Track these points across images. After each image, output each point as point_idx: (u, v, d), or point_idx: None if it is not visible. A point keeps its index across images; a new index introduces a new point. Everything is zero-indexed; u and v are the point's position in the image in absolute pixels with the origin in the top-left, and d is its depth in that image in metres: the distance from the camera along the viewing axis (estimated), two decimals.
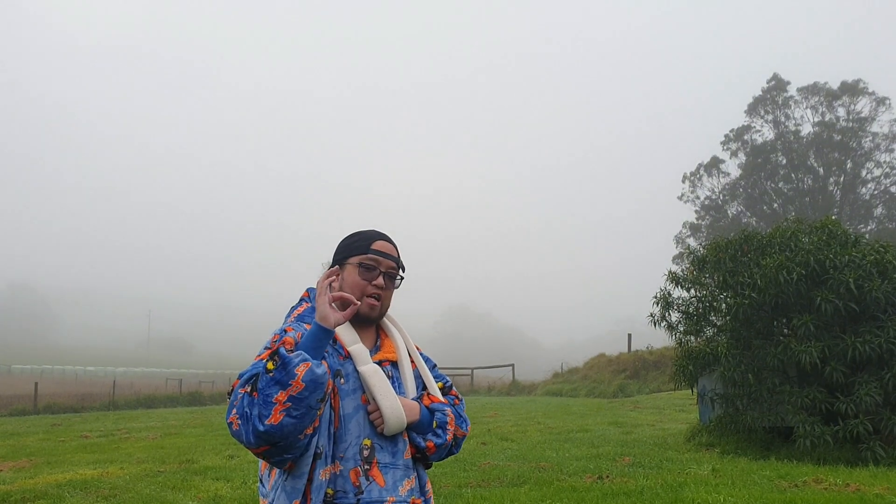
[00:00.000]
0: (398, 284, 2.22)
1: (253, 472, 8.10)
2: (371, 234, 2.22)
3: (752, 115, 48.06)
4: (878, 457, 7.72)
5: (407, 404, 2.07)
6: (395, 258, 2.19)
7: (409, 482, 2.05)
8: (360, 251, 2.17)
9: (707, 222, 48.06)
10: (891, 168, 44.97)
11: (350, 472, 1.98)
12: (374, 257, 2.15)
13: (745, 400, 8.90)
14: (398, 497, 2.00)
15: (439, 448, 2.12)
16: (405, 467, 2.05)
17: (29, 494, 7.05)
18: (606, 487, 6.60)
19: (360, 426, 2.02)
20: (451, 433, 2.14)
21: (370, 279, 2.14)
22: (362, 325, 2.16)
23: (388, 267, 2.17)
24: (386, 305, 2.19)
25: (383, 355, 2.16)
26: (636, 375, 26.96)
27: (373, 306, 2.14)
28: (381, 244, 2.19)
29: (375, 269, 2.15)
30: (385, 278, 2.16)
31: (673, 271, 10.09)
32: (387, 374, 2.12)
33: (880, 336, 7.90)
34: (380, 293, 2.15)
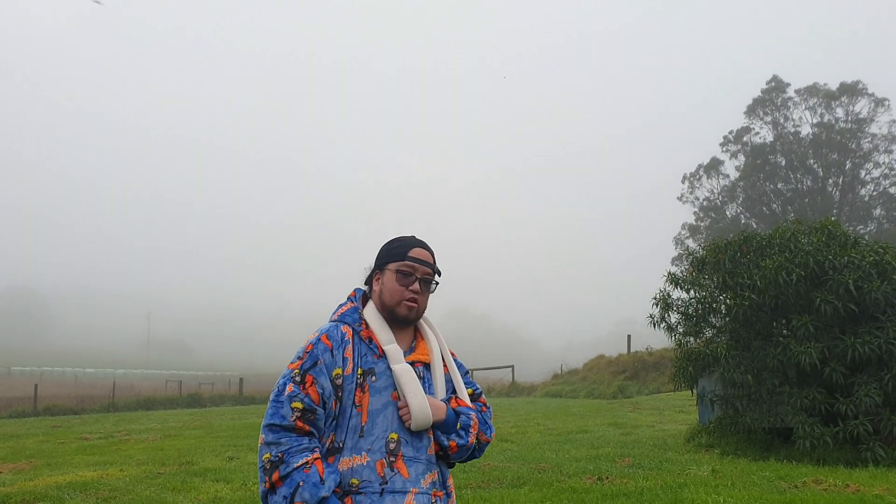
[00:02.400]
0: (433, 289, 2.40)
1: (253, 474, 8.10)
2: (409, 242, 2.39)
3: (751, 117, 48.09)
4: (878, 457, 7.72)
5: (434, 404, 2.23)
6: (430, 265, 2.36)
7: (430, 476, 2.22)
8: (398, 258, 2.34)
9: (706, 223, 48.07)
10: (890, 169, 45.01)
11: (376, 463, 2.14)
12: (411, 264, 2.32)
13: (745, 401, 8.90)
14: (420, 489, 2.17)
15: (461, 448, 2.27)
16: (428, 462, 2.22)
17: (29, 496, 7.05)
18: (606, 488, 6.60)
19: (387, 421, 2.19)
20: (474, 436, 2.28)
21: (407, 285, 2.31)
22: (400, 326, 2.34)
23: (424, 273, 2.34)
24: (422, 309, 2.36)
25: (417, 356, 2.32)
26: (636, 376, 26.96)
27: (410, 308, 2.31)
28: (417, 251, 2.36)
29: (412, 275, 2.32)
30: (421, 283, 2.33)
31: (672, 272, 10.09)
32: (418, 374, 2.27)
33: (880, 337, 7.90)
34: (416, 297, 2.31)
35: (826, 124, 45.76)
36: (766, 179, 47.05)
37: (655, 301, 10.01)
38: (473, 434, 2.28)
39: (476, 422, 2.30)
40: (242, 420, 17.62)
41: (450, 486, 2.31)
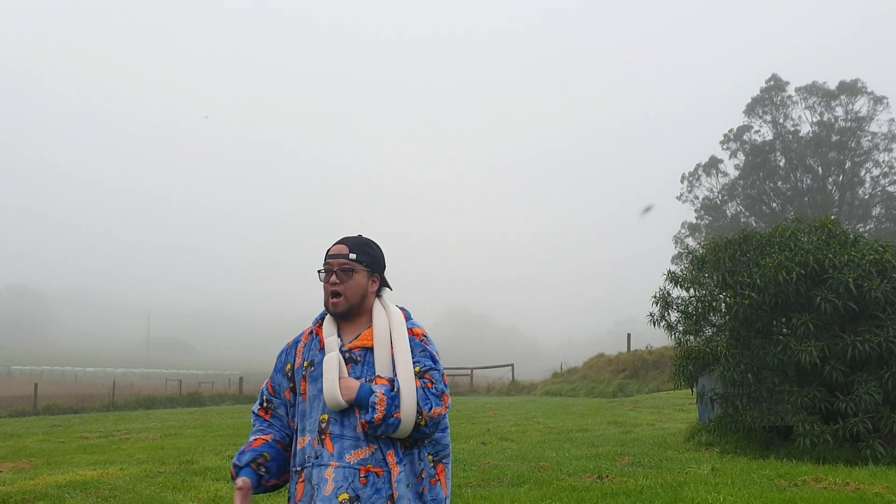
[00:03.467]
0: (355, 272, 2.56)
1: None
2: (332, 245, 2.65)
3: (750, 116, 48.08)
4: (878, 455, 7.73)
5: (345, 384, 2.42)
6: (343, 255, 2.57)
7: (359, 452, 2.39)
8: (324, 260, 2.63)
9: (706, 222, 48.07)
10: (889, 168, 45.00)
11: (314, 441, 2.44)
12: (328, 262, 2.59)
13: (745, 399, 8.90)
14: (342, 462, 2.37)
15: (370, 424, 2.37)
16: (355, 438, 2.40)
17: (29, 496, 7.05)
18: (606, 487, 6.60)
19: (320, 404, 2.46)
20: (381, 412, 2.35)
21: (327, 281, 2.57)
22: (346, 319, 2.58)
23: (339, 265, 2.57)
24: (351, 296, 2.55)
25: (360, 342, 2.53)
26: (635, 375, 26.97)
27: (335, 304, 2.55)
28: (333, 248, 2.62)
29: (329, 271, 2.58)
30: (340, 274, 2.55)
31: (672, 271, 10.10)
32: (356, 359, 2.50)
33: (880, 335, 7.90)
34: (338, 289, 2.54)
35: (826, 123, 45.75)
36: (766, 178, 47.05)
37: (655, 299, 10.01)
38: (380, 410, 2.34)
39: (382, 398, 2.36)
40: (242, 419, 17.62)
41: (391, 462, 2.37)
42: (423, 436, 2.43)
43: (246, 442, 2.61)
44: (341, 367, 2.46)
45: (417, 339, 2.55)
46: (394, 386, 2.41)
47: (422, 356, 2.51)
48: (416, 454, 2.45)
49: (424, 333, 2.59)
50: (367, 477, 2.35)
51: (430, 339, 2.60)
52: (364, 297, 2.58)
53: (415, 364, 2.48)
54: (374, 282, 2.63)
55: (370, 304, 2.61)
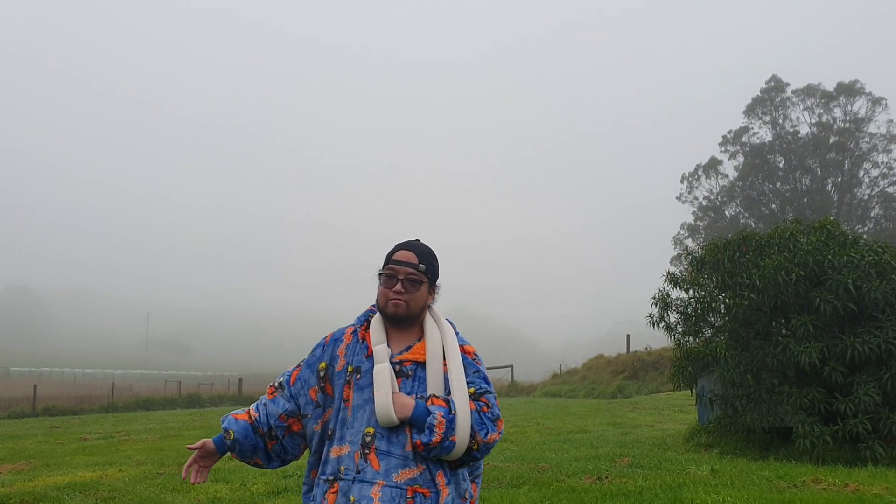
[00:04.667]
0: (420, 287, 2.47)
1: (252, 474, 8.10)
2: (395, 246, 2.54)
3: (749, 117, 48.11)
4: (878, 456, 7.72)
5: (400, 401, 2.32)
6: (413, 264, 2.46)
7: (408, 471, 2.29)
8: (385, 263, 2.50)
9: (705, 223, 48.07)
10: (888, 169, 45.03)
11: (354, 453, 2.32)
12: (392, 267, 2.47)
13: (744, 400, 8.90)
14: (389, 482, 2.26)
15: (425, 446, 2.28)
16: (404, 457, 2.30)
17: (28, 497, 7.04)
18: (605, 488, 6.60)
19: (365, 416, 2.35)
20: (439, 435, 2.26)
21: (390, 287, 2.45)
22: (400, 327, 2.48)
23: (406, 273, 2.45)
24: (413, 307, 2.46)
25: (411, 355, 2.43)
26: (635, 376, 26.96)
27: (396, 305, 2.43)
28: (400, 254, 2.49)
29: (394, 277, 2.45)
30: (406, 283, 2.44)
31: (671, 272, 10.09)
32: (407, 373, 2.40)
33: (879, 336, 7.90)
34: (400, 298, 2.43)
35: (825, 124, 45.78)
36: (765, 179, 47.07)
37: (654, 301, 10.01)
38: (438, 433, 2.26)
39: (442, 421, 2.27)
40: None
41: (439, 483, 2.30)
42: (473, 460, 2.37)
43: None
44: (392, 381, 2.35)
45: (470, 358, 2.46)
46: (451, 408, 2.32)
47: (476, 377, 2.43)
48: (460, 474, 2.40)
49: (475, 352, 2.51)
50: (415, 498, 2.27)
51: (481, 359, 2.51)
52: (423, 309, 2.50)
53: (469, 385, 2.39)
54: (432, 295, 2.55)
55: (424, 315, 2.52)
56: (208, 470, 2.60)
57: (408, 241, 2.56)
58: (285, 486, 7.28)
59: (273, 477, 7.84)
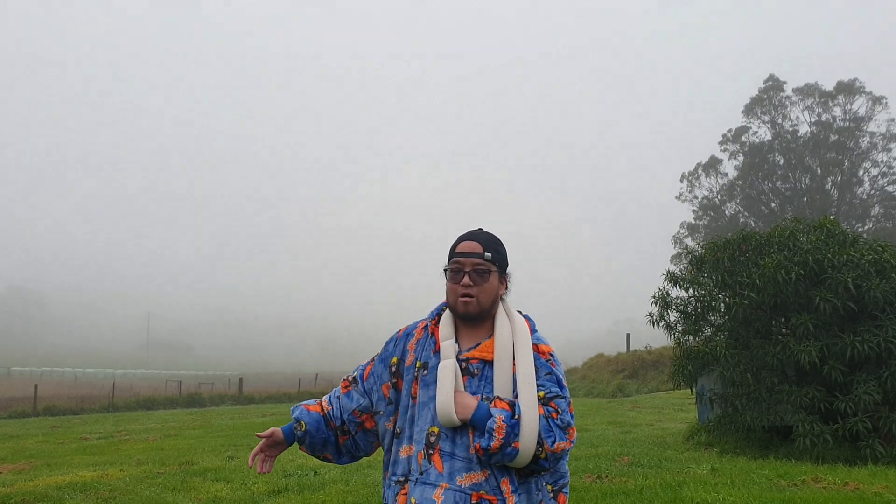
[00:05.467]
0: (488, 277, 2.32)
1: (252, 474, 8.11)
2: (457, 239, 2.39)
3: (749, 116, 48.12)
4: (878, 454, 7.73)
5: (462, 401, 2.19)
6: (478, 254, 2.31)
7: (472, 476, 2.14)
8: (449, 258, 2.36)
9: (705, 222, 48.10)
10: (888, 168, 45.05)
11: (419, 453, 2.22)
12: (458, 260, 2.32)
13: (744, 399, 8.91)
14: (453, 485, 2.13)
15: (485, 451, 2.13)
16: (468, 460, 2.16)
17: (29, 497, 7.05)
18: (605, 487, 6.60)
19: (430, 414, 2.24)
20: (498, 440, 2.10)
21: (457, 281, 2.30)
22: (471, 323, 2.33)
23: (474, 265, 2.30)
24: (483, 301, 2.30)
25: (478, 353, 2.28)
26: (635, 375, 26.99)
27: (466, 303, 2.28)
28: (463, 245, 2.34)
29: (460, 271, 2.31)
30: (473, 276, 2.29)
31: (671, 271, 10.10)
32: (474, 372, 2.25)
33: (879, 335, 7.91)
34: (472, 292, 2.28)
35: (824, 123, 45.79)
36: (765, 178, 47.09)
37: (654, 300, 10.01)
38: (497, 438, 2.10)
39: (502, 425, 2.10)
40: (242, 420, 17.62)
41: (505, 491, 2.14)
42: (542, 469, 2.18)
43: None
44: (457, 379, 2.22)
45: (543, 359, 2.27)
46: (515, 412, 2.14)
47: (547, 379, 2.23)
48: (533, 483, 2.21)
49: (551, 352, 2.31)
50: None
51: (557, 360, 2.32)
52: (495, 301, 2.34)
53: (539, 388, 2.20)
54: (503, 284, 2.39)
55: (496, 309, 2.35)
56: (273, 460, 2.46)
57: (470, 231, 2.40)
58: (286, 485, 7.29)
59: (273, 477, 7.85)
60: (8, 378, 62.63)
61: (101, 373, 71.78)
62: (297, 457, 9.72)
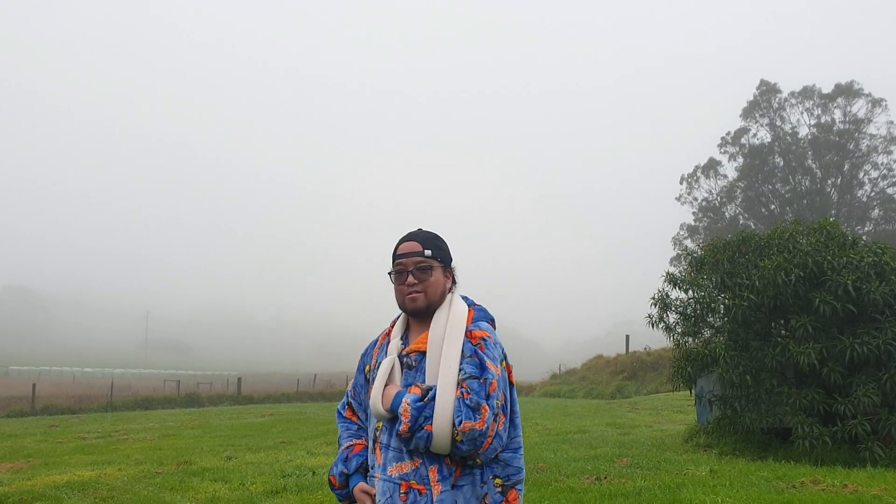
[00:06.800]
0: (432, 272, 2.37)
1: (250, 474, 8.10)
2: (398, 242, 2.45)
3: (747, 119, 48.12)
4: (877, 457, 7.72)
5: (386, 392, 2.27)
6: (418, 252, 2.37)
7: (402, 465, 2.21)
8: (392, 261, 2.43)
9: (705, 224, 48.11)
10: (888, 170, 45.05)
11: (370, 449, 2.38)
12: (400, 262, 2.39)
13: (743, 401, 8.90)
14: (384, 475, 2.23)
15: (399, 436, 2.19)
16: (398, 450, 2.22)
17: (27, 496, 7.03)
18: (604, 488, 6.60)
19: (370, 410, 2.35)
20: (405, 424, 2.15)
21: (402, 282, 2.37)
22: (420, 318, 2.39)
23: (415, 264, 2.36)
24: (432, 296, 2.36)
25: (416, 346, 2.34)
26: (634, 377, 26.99)
27: (414, 299, 2.35)
28: (403, 246, 2.41)
29: (403, 272, 2.37)
30: (417, 273, 2.35)
31: (671, 273, 10.08)
32: (412, 364, 2.32)
33: (878, 337, 7.90)
34: (415, 290, 2.35)
35: (824, 125, 45.80)
36: (765, 180, 47.09)
37: (654, 301, 10.00)
38: (404, 422, 2.14)
39: (406, 409, 2.15)
40: (240, 420, 17.60)
41: (432, 479, 2.15)
42: (463, 453, 2.14)
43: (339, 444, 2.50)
44: (394, 374, 2.30)
45: (472, 343, 2.26)
46: (426, 395, 2.17)
47: (468, 362, 2.21)
48: (477, 475, 2.19)
49: (485, 336, 2.28)
50: (409, 494, 2.16)
51: (491, 344, 2.28)
52: (442, 295, 2.38)
53: (460, 371, 2.20)
54: (448, 277, 2.43)
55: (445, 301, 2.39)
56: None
57: (409, 233, 2.46)
58: (284, 485, 7.28)
59: (272, 477, 7.84)
60: (6, 377, 62.52)
61: (100, 372, 71.66)
62: (294, 457, 9.71)
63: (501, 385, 2.23)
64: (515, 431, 2.30)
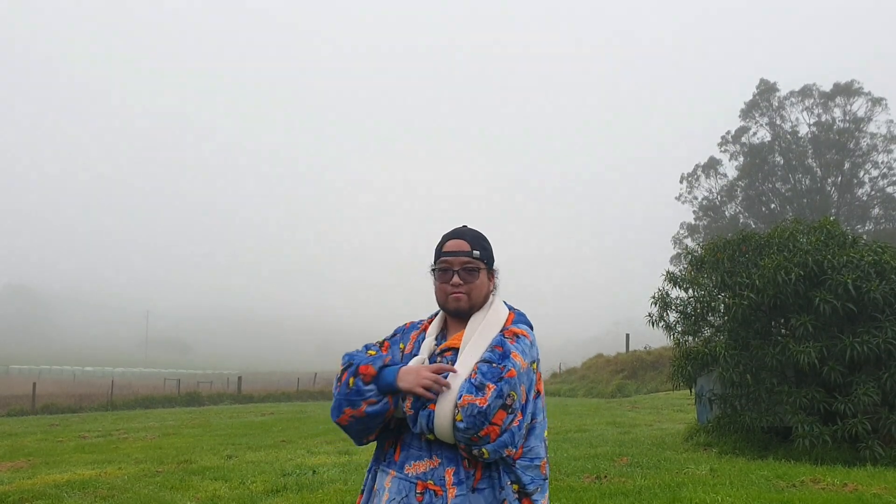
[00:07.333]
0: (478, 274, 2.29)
1: (251, 473, 8.09)
2: (443, 238, 2.37)
3: (746, 119, 48.10)
4: (877, 456, 7.73)
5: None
6: (466, 252, 2.29)
7: (420, 464, 2.14)
8: (436, 257, 2.34)
9: (705, 223, 48.10)
10: (888, 169, 45.05)
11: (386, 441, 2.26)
12: (445, 259, 2.30)
13: (744, 400, 8.90)
14: (400, 473, 2.15)
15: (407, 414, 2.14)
16: (419, 448, 2.16)
17: (27, 495, 7.04)
18: (604, 487, 6.60)
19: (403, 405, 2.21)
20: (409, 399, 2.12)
21: (446, 280, 2.29)
22: (460, 319, 2.31)
23: (462, 263, 2.28)
24: (475, 298, 2.28)
25: (451, 343, 2.28)
26: (634, 375, 27.00)
27: (457, 299, 2.27)
28: (450, 244, 2.33)
29: (448, 269, 2.29)
30: (463, 274, 2.28)
31: (671, 272, 10.08)
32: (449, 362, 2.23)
33: (878, 336, 7.90)
34: (459, 290, 2.27)
35: (824, 124, 45.79)
36: (765, 179, 47.09)
37: (654, 300, 10.00)
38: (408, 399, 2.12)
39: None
40: (241, 419, 17.61)
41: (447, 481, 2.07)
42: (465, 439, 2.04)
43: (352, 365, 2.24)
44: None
45: (502, 336, 2.21)
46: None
47: (491, 350, 2.16)
48: (496, 479, 2.11)
49: (516, 333, 2.22)
50: (425, 494, 2.08)
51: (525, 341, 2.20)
52: (486, 297, 2.32)
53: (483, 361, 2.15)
54: (492, 280, 2.37)
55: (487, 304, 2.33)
56: None
57: (455, 230, 2.38)
58: (284, 484, 7.28)
59: (272, 475, 7.85)
60: (7, 376, 62.59)
61: (100, 371, 71.72)
62: (295, 456, 9.72)
63: (525, 382, 2.14)
64: (535, 442, 2.17)
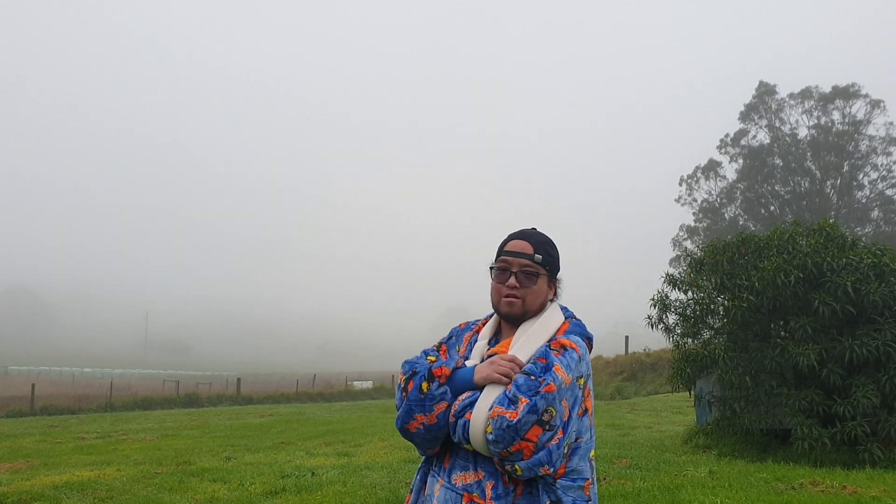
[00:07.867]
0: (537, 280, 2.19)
1: (249, 474, 8.09)
2: (508, 237, 2.28)
3: (745, 121, 48.14)
4: (876, 458, 7.72)
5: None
6: (528, 255, 2.18)
7: (466, 475, 2.06)
8: (497, 255, 2.25)
9: (704, 225, 48.12)
10: (888, 171, 45.07)
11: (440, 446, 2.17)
12: (505, 259, 2.21)
13: (743, 402, 8.90)
14: (447, 482, 2.09)
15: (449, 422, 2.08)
16: (465, 458, 2.08)
17: (25, 496, 7.03)
18: (603, 489, 6.59)
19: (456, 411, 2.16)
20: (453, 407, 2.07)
21: (503, 281, 2.19)
22: (513, 323, 2.21)
23: (521, 266, 2.18)
24: (529, 304, 2.18)
25: (498, 349, 2.19)
26: (633, 377, 26.99)
27: (510, 304, 2.17)
28: (513, 244, 2.23)
29: (507, 270, 2.19)
30: (521, 277, 2.17)
31: (670, 274, 10.08)
32: None
33: (877, 339, 7.90)
34: (515, 293, 2.17)
35: (823, 126, 45.82)
36: (764, 181, 47.11)
37: (653, 302, 10.00)
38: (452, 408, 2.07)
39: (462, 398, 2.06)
40: (240, 420, 17.61)
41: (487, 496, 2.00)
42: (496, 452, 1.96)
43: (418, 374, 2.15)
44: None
45: (548, 347, 2.09)
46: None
47: (534, 362, 2.05)
48: (536, 497, 2.02)
49: (564, 345, 2.09)
50: None
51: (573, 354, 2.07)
52: (542, 305, 2.20)
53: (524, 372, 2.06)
54: (552, 288, 2.25)
55: (543, 312, 2.21)
56: None
57: (522, 230, 2.27)
58: (283, 486, 7.28)
59: (271, 477, 7.84)
60: (5, 377, 62.50)
61: (99, 372, 71.64)
62: (294, 458, 9.71)
63: (569, 398, 2.01)
64: (579, 461, 2.05)
